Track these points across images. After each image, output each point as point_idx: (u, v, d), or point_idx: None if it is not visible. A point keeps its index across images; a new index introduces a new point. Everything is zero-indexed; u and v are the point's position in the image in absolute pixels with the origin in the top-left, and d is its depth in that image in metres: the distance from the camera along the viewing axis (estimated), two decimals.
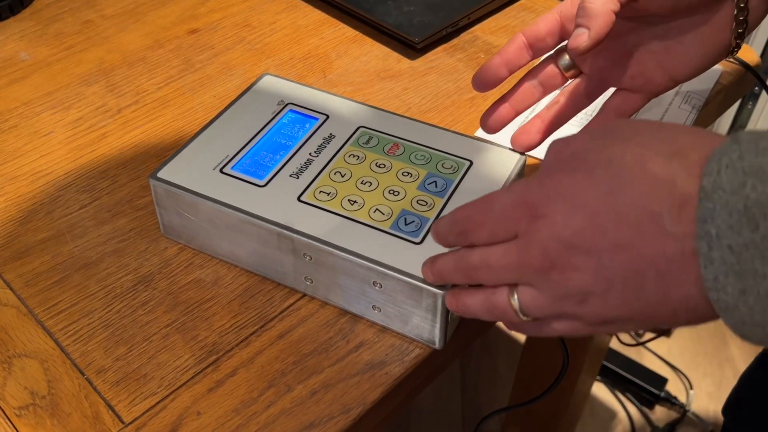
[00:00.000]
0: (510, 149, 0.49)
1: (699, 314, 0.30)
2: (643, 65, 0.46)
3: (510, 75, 0.47)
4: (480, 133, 0.58)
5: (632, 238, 0.29)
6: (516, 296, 0.35)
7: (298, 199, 0.46)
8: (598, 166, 0.31)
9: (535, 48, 0.46)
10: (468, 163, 0.48)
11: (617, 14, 0.41)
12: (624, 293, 0.30)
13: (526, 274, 0.33)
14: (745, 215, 0.26)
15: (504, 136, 0.58)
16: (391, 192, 0.46)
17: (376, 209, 0.45)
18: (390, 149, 0.49)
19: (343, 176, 0.47)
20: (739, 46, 0.45)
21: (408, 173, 0.47)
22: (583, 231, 0.31)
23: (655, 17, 0.45)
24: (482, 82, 0.47)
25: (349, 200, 0.45)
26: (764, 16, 0.45)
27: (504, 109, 0.48)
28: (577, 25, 0.41)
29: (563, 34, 0.45)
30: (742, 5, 0.43)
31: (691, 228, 0.28)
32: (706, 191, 0.27)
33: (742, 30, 0.44)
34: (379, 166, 0.48)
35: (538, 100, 0.49)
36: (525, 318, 0.35)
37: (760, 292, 0.26)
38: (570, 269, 0.31)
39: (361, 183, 0.47)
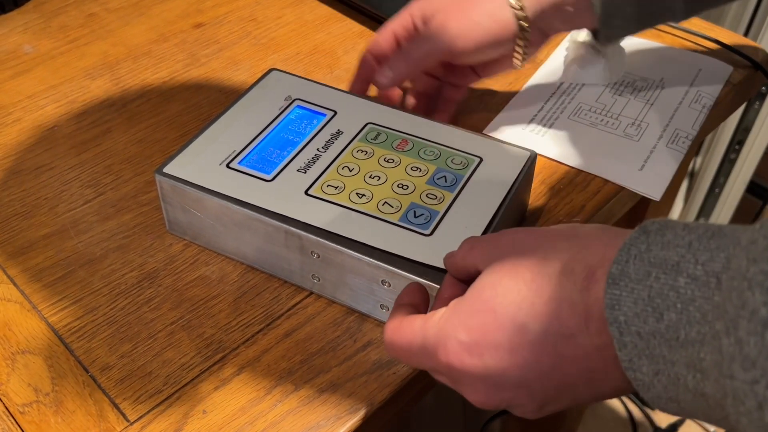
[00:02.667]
0: (520, 147, 0.49)
1: (629, 392, 0.32)
2: (447, 72, 0.56)
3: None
4: (489, 130, 0.57)
5: (555, 364, 0.31)
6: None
7: (306, 192, 0.45)
8: (496, 301, 0.32)
9: (382, 61, 0.54)
10: (478, 159, 0.48)
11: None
12: (560, 403, 0.33)
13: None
14: (649, 304, 0.27)
15: (515, 136, 0.57)
16: (400, 186, 0.45)
17: (385, 202, 0.44)
18: (399, 145, 0.48)
19: (351, 170, 0.46)
20: (521, 65, 0.54)
21: (417, 168, 0.47)
22: (506, 371, 0.32)
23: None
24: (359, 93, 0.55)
25: (357, 194, 0.45)
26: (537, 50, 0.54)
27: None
28: (387, 65, 0.52)
29: (401, 46, 0.54)
30: (522, 51, 0.52)
31: (600, 340, 0.30)
32: (613, 278, 0.28)
33: (522, 62, 0.53)
34: (387, 161, 0.47)
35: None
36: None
37: (671, 375, 0.27)
38: (507, 402, 0.33)
39: (370, 177, 0.46)
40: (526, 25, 0.50)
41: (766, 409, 0.23)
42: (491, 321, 0.32)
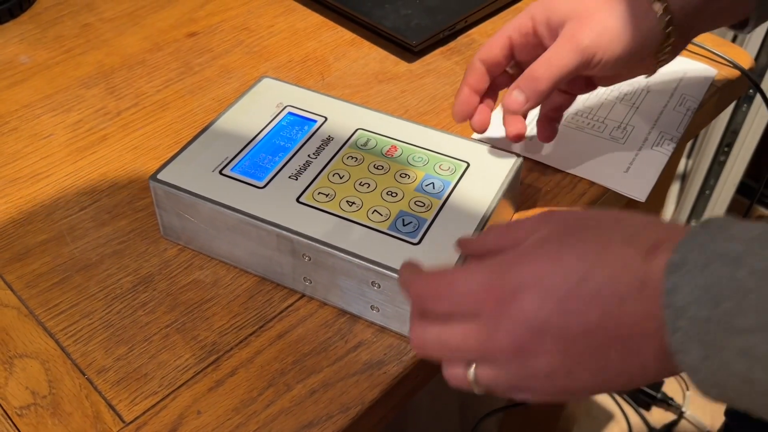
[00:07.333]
0: (506, 151, 0.50)
1: (651, 377, 0.32)
2: (575, 78, 0.49)
3: (481, 99, 0.51)
4: (477, 135, 0.58)
5: (600, 321, 0.31)
6: (473, 371, 0.35)
7: (297, 200, 0.46)
8: (564, 251, 0.32)
9: (493, 71, 0.50)
10: (465, 164, 0.49)
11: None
12: (588, 370, 0.32)
13: (488, 356, 0.34)
14: (707, 292, 0.28)
15: (502, 139, 0.58)
16: (389, 193, 0.46)
17: (374, 210, 0.45)
18: (388, 151, 0.49)
19: (341, 178, 0.47)
20: (655, 71, 0.49)
21: (406, 175, 0.48)
22: (553, 317, 0.32)
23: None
24: (462, 115, 0.50)
25: (347, 201, 0.46)
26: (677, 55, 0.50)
27: (483, 109, 0.51)
28: (517, 87, 0.45)
29: (514, 54, 0.49)
30: (662, 59, 0.47)
31: (649, 307, 0.30)
32: (675, 264, 0.29)
33: (657, 69, 0.49)
34: (377, 168, 0.48)
35: (497, 94, 0.52)
36: (479, 390, 0.36)
37: (720, 361, 0.28)
38: (538, 353, 0.32)
39: (360, 184, 0.47)
40: (671, 29, 0.44)
41: None
42: (551, 266, 0.32)
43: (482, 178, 0.48)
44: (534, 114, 0.60)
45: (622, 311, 0.31)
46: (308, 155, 0.49)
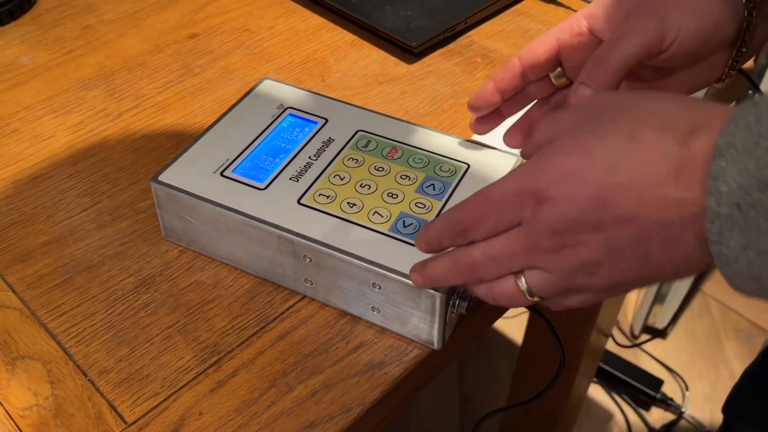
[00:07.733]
0: (506, 152, 0.50)
1: (696, 269, 0.32)
2: (632, 87, 0.47)
3: (503, 101, 0.48)
4: (476, 135, 0.58)
5: (636, 209, 0.31)
6: (524, 280, 0.36)
7: (298, 201, 0.46)
8: (595, 143, 0.32)
9: (529, 75, 0.46)
10: (465, 166, 0.49)
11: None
12: (631, 260, 0.32)
13: (534, 258, 0.34)
14: (755, 176, 0.27)
15: (499, 138, 0.58)
16: (390, 195, 0.47)
17: (375, 212, 0.46)
18: (388, 153, 0.50)
19: (342, 179, 0.48)
20: (729, 75, 0.45)
21: (406, 176, 0.48)
22: (588, 208, 0.32)
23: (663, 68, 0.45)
24: (477, 108, 0.49)
25: (348, 203, 0.46)
26: (754, 54, 0.46)
27: (494, 114, 0.50)
28: (580, 81, 0.41)
29: (559, 60, 0.46)
30: (743, 49, 0.44)
31: (688, 193, 0.29)
32: (720, 149, 0.28)
33: (736, 67, 0.45)
34: (377, 170, 0.48)
35: (526, 106, 0.50)
36: (534, 299, 0.36)
37: (761, 248, 0.27)
38: (579, 246, 0.33)
39: (360, 186, 0.47)
40: (751, 13, 0.40)
41: None
42: (582, 160, 0.32)
43: (482, 180, 0.48)
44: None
45: (658, 198, 0.30)
46: (309, 157, 0.49)
